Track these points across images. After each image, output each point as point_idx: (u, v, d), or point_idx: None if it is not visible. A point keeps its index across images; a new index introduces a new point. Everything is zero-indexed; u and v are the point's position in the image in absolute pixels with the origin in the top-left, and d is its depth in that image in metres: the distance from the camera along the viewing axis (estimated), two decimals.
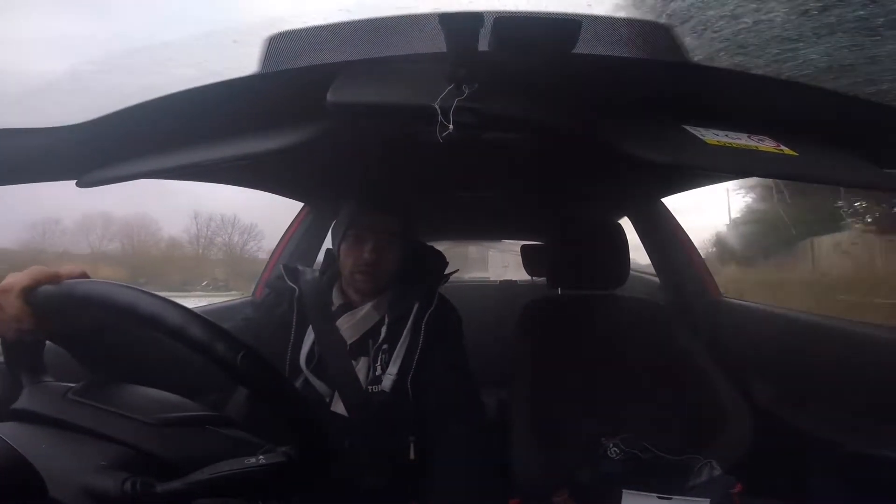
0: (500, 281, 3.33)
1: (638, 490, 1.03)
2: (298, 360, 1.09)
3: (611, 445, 1.20)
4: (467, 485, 0.98)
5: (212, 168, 1.21)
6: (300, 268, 1.23)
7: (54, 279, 0.61)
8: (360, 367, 1.09)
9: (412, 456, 1.05)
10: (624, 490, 1.03)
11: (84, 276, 0.63)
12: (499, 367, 1.43)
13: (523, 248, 2.95)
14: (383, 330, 1.12)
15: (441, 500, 0.99)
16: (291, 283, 1.17)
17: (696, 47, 0.63)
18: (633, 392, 1.39)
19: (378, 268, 1.12)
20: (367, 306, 1.14)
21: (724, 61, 0.66)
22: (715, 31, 0.63)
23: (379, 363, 1.10)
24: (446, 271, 1.27)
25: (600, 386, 1.40)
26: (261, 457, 0.58)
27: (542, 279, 2.56)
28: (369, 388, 1.07)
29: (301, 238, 2.01)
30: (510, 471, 1.24)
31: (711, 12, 0.62)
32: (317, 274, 1.22)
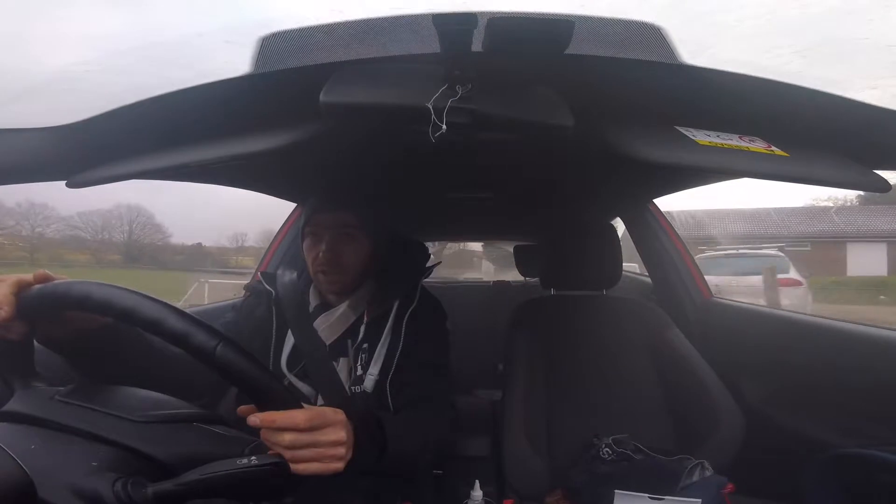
0: (494, 282, 3.33)
1: (630, 491, 1.04)
2: (280, 363, 1.08)
3: (603, 446, 1.20)
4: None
5: (204, 168, 1.20)
6: (279, 271, 1.22)
7: (47, 280, 0.64)
8: (341, 367, 1.08)
9: None
10: (616, 491, 1.04)
11: None
12: (492, 368, 1.42)
13: (516, 248, 2.96)
14: (362, 329, 1.11)
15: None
16: (268, 287, 1.15)
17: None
18: (625, 392, 1.39)
19: (338, 265, 1.09)
20: (343, 306, 1.12)
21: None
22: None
23: (360, 363, 1.08)
24: (428, 264, 1.25)
25: (593, 386, 1.40)
26: (253, 458, 0.57)
27: (535, 280, 2.57)
28: (352, 388, 1.06)
29: (293, 239, 2.00)
30: (504, 471, 1.25)
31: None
32: (294, 276, 1.21)
